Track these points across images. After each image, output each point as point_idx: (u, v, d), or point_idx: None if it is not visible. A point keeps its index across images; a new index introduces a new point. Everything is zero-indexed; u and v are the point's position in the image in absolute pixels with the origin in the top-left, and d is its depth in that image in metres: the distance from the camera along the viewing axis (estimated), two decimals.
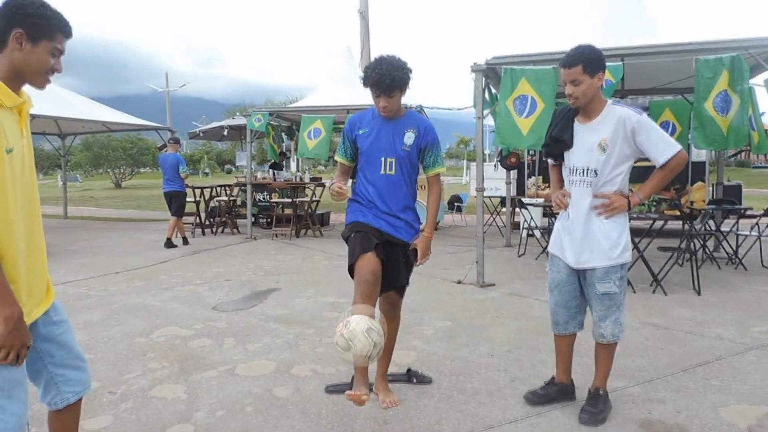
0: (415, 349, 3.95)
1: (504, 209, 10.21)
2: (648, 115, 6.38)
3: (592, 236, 2.77)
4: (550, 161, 3.07)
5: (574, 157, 2.82)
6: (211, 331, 4.43)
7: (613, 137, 2.71)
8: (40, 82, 1.77)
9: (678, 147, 2.71)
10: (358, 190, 2.97)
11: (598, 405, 2.81)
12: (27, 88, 1.80)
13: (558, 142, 2.89)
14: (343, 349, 2.38)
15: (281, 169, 12.13)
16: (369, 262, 2.74)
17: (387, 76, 2.75)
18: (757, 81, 6.71)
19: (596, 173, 2.75)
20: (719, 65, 5.41)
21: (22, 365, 1.73)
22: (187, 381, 3.42)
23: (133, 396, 3.20)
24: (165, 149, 9.61)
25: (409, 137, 2.93)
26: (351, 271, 2.82)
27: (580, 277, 2.87)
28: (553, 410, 2.94)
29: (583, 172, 2.78)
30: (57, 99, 10.70)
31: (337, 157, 3.08)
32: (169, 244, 9.03)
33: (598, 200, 2.76)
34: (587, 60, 2.67)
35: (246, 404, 3.08)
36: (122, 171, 37.42)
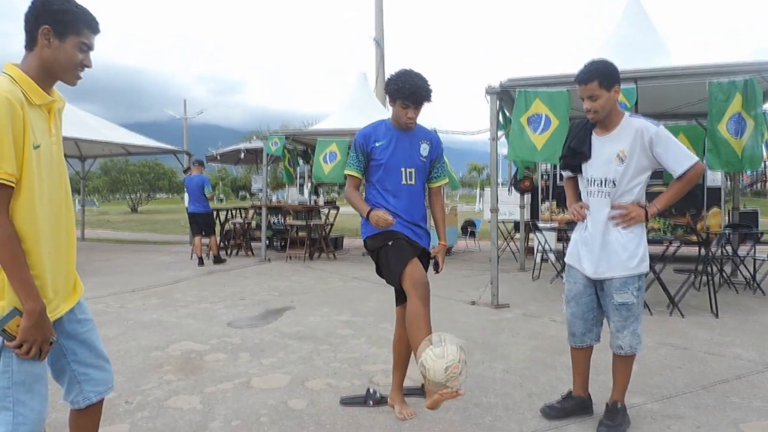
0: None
1: (518, 235, 10.19)
2: None
3: (609, 247, 2.78)
4: (566, 174, 3.09)
5: (592, 169, 2.85)
6: (226, 346, 4.45)
7: (631, 148, 2.73)
8: (71, 78, 1.82)
9: (695, 158, 2.73)
10: (376, 202, 2.99)
11: (616, 419, 2.77)
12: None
13: (577, 153, 2.92)
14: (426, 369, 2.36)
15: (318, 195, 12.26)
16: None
17: (423, 89, 2.86)
18: None
19: (614, 184, 2.77)
20: (732, 88, 5.44)
21: (44, 361, 1.77)
22: (203, 392, 3.43)
23: (149, 406, 3.22)
24: (189, 171, 9.90)
25: (425, 148, 3.03)
26: (397, 278, 2.80)
27: (597, 288, 2.87)
28: (570, 424, 2.90)
29: (602, 183, 2.81)
30: (78, 121, 10.99)
31: (349, 171, 3.04)
32: (218, 259, 9.62)
33: (616, 211, 2.78)
34: (602, 74, 2.72)
35: (261, 415, 3.08)
36: (139, 196, 37.93)
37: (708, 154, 5.66)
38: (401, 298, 2.95)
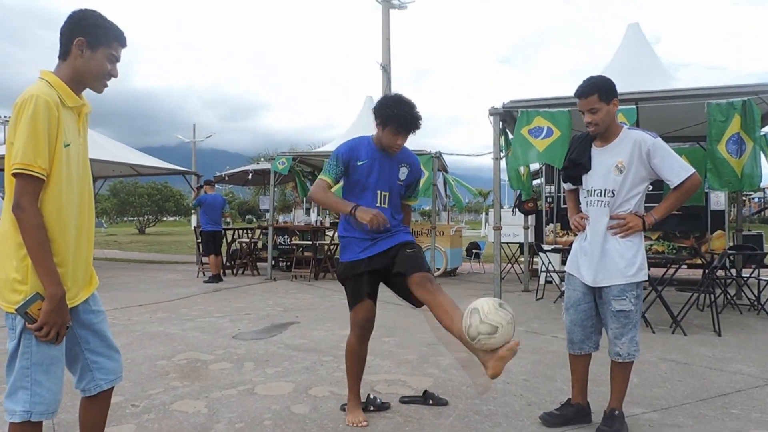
0: (432, 376, 3.98)
1: (522, 257, 10.24)
2: None
3: (608, 255, 2.85)
4: (567, 186, 3.19)
5: (592, 179, 2.95)
6: (231, 356, 4.51)
7: (630, 159, 2.83)
8: (98, 86, 1.99)
9: (692, 170, 2.83)
10: (349, 222, 2.96)
11: (614, 425, 2.81)
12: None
13: (577, 165, 3.01)
14: (489, 334, 2.30)
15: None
16: (367, 308, 3.05)
17: (417, 119, 2.93)
18: None
19: (614, 194, 2.86)
20: (731, 109, 5.55)
21: (61, 344, 1.87)
22: (208, 398, 3.49)
23: (155, 409, 3.28)
24: (204, 189, 10.14)
25: (403, 172, 3.10)
26: (350, 310, 3.16)
27: (596, 296, 2.93)
28: (568, 431, 2.94)
29: (601, 193, 2.90)
30: (90, 142, 11.21)
31: (324, 177, 2.97)
32: (217, 278, 9.61)
33: (615, 221, 2.86)
34: (601, 88, 2.84)
35: (265, 419, 3.13)
36: (146, 218, 38.24)
37: (708, 174, 5.75)
38: (416, 303, 2.96)
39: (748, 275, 7.36)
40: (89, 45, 1.90)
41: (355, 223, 2.94)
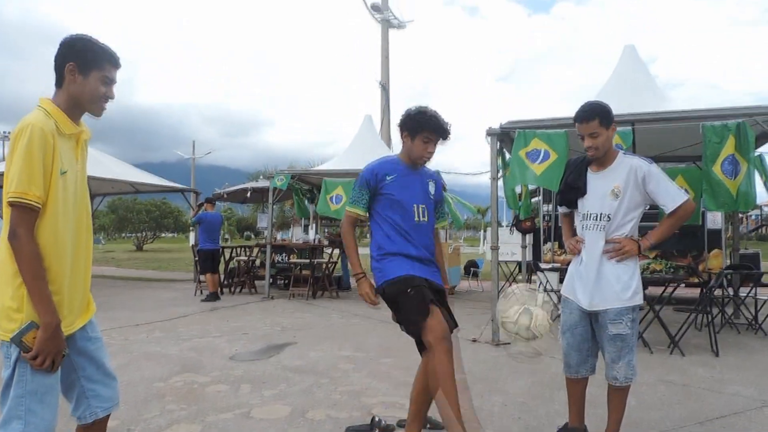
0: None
1: (520, 276, 10.24)
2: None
3: (604, 279, 2.87)
4: (563, 210, 3.22)
5: (588, 203, 2.97)
6: (228, 377, 4.50)
7: (626, 184, 2.86)
8: (96, 110, 2.01)
9: (687, 196, 2.86)
10: (388, 237, 2.88)
11: None
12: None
13: (573, 188, 3.04)
14: (528, 339, 2.49)
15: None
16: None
17: (447, 125, 2.93)
18: (766, 149, 6.91)
19: (609, 218, 2.88)
20: (725, 131, 5.61)
21: (56, 373, 1.87)
22: (204, 421, 3.48)
23: None
24: (202, 207, 10.22)
25: (432, 187, 3.06)
26: (418, 330, 2.73)
27: (593, 320, 2.94)
28: None
29: (597, 217, 2.92)
30: (90, 158, 11.26)
31: (352, 209, 2.95)
32: (214, 297, 9.61)
33: (610, 245, 2.88)
34: (601, 113, 2.89)
35: None
36: (144, 234, 38.18)
37: (704, 195, 5.79)
38: (422, 346, 2.82)
39: (745, 294, 7.37)
40: (81, 70, 1.92)
41: (397, 242, 2.87)
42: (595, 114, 2.85)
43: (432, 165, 3.15)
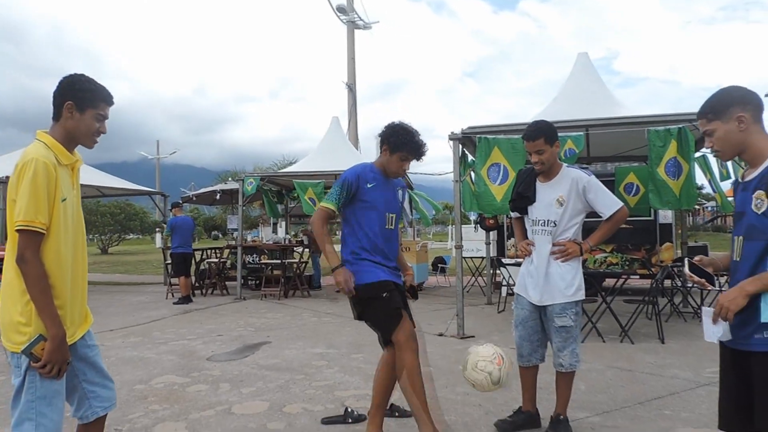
0: (398, 389, 4.25)
1: (485, 272, 10.64)
2: (613, 177, 7.05)
3: (551, 277, 3.22)
4: (514, 215, 3.56)
5: (536, 211, 3.31)
6: (207, 378, 4.71)
7: (569, 194, 3.21)
8: (89, 143, 2.21)
9: (621, 204, 3.24)
10: (363, 245, 3.06)
11: (559, 428, 3.16)
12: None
13: (523, 197, 3.38)
14: (495, 384, 2.89)
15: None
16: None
17: (424, 147, 3.18)
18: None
19: (555, 224, 3.23)
20: (668, 135, 6.07)
21: (62, 378, 2.09)
22: (187, 419, 3.70)
23: None
24: (171, 212, 10.33)
25: (400, 194, 3.36)
26: (391, 331, 2.99)
27: (542, 313, 3.29)
28: None
29: (545, 223, 3.26)
30: None
31: (327, 204, 3.04)
32: (187, 300, 9.72)
33: (557, 247, 3.23)
34: (546, 132, 3.22)
35: None
36: (109, 237, 37.45)
37: (650, 194, 6.26)
38: (386, 341, 3.07)
39: (691, 284, 7.90)
40: (78, 107, 2.11)
41: (371, 250, 3.06)
42: (541, 133, 3.19)
43: None
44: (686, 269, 2.24)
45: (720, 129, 1.98)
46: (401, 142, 3.08)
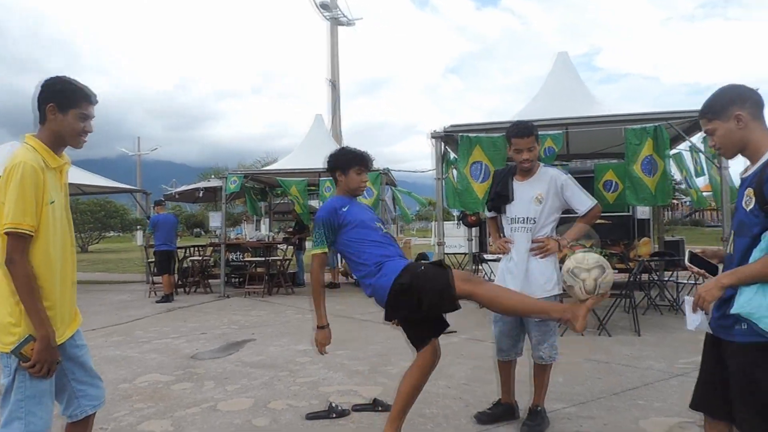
0: (381, 384, 4.35)
1: (468, 267, 10.77)
2: (593, 174, 7.19)
3: (530, 273, 3.31)
4: (490, 214, 3.65)
5: (515, 209, 3.40)
6: (192, 376, 4.74)
7: (547, 192, 3.32)
8: (76, 143, 2.23)
9: (595, 201, 3.35)
10: (371, 253, 2.99)
11: (536, 419, 3.26)
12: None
13: (501, 196, 3.47)
14: (602, 273, 2.73)
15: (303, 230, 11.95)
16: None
17: (369, 155, 3.24)
18: (682, 147, 7.63)
19: (534, 221, 3.33)
20: (644, 134, 6.23)
21: (51, 378, 2.13)
22: (173, 417, 3.73)
23: (123, 430, 3.50)
24: (155, 209, 10.30)
25: (372, 208, 3.49)
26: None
27: None
28: (499, 427, 3.38)
29: (524, 220, 3.36)
30: None
31: (316, 250, 3.02)
32: (169, 298, 9.71)
33: (535, 243, 3.33)
34: (535, 131, 3.35)
35: None
36: (89, 235, 36.96)
37: (626, 191, 6.42)
38: (419, 343, 3.09)
39: (667, 278, 8.11)
40: (60, 109, 2.13)
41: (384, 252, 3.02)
42: (532, 131, 3.31)
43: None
44: (686, 260, 2.34)
45: (720, 128, 2.05)
46: (347, 159, 3.16)
